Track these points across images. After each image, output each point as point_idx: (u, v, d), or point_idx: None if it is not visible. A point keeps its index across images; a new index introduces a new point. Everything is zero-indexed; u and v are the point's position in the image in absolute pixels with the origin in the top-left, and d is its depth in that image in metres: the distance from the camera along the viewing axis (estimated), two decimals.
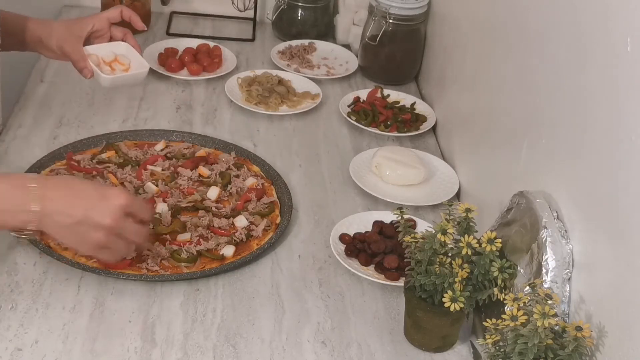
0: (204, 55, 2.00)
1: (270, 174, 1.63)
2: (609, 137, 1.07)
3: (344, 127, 1.86)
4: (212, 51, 2.04)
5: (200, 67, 1.97)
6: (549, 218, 1.18)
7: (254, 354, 1.25)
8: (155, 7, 2.22)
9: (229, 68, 2.00)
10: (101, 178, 1.54)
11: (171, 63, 1.96)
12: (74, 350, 1.22)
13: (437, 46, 1.98)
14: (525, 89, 1.37)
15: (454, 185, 1.67)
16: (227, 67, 2.01)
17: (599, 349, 1.06)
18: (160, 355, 1.23)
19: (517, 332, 1.05)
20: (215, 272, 1.38)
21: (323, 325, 1.32)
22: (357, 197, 1.63)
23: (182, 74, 1.95)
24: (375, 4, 1.99)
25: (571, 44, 1.20)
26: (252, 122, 1.84)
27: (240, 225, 1.48)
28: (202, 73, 1.96)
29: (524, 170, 1.35)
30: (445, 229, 1.21)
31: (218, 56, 2.02)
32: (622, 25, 1.04)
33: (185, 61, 1.98)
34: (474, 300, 1.22)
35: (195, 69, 1.96)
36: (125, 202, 1.20)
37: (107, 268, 1.34)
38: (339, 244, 1.48)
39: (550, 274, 1.14)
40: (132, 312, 1.30)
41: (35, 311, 1.27)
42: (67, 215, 1.17)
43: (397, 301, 1.38)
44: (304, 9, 2.20)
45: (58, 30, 1.54)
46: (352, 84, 2.06)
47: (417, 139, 1.85)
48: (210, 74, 1.97)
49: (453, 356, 1.30)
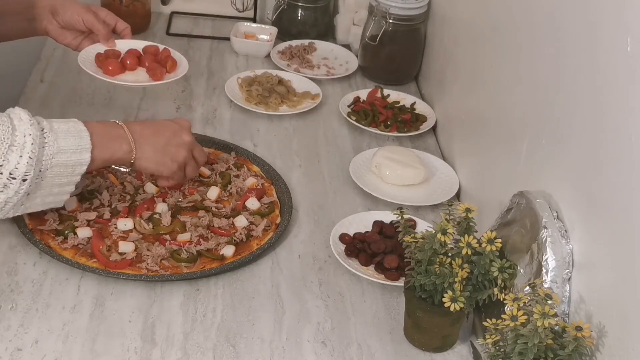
0: (149, 58, 1.69)
1: (270, 174, 1.63)
2: (609, 137, 1.07)
3: (344, 127, 1.86)
4: (160, 54, 1.71)
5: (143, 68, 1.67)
6: (549, 218, 1.18)
7: (254, 354, 1.25)
8: (155, 7, 2.23)
9: (180, 73, 1.68)
10: (101, 178, 1.54)
11: (109, 65, 1.63)
12: (74, 350, 1.22)
13: (437, 46, 1.98)
14: (525, 89, 1.37)
15: (454, 185, 1.67)
16: (180, 71, 1.69)
17: (599, 349, 1.06)
18: (160, 355, 1.23)
19: (517, 332, 1.05)
20: (215, 272, 1.38)
21: (323, 325, 1.32)
22: (357, 197, 1.63)
23: (127, 79, 1.64)
24: (375, 4, 1.99)
25: (571, 44, 1.20)
26: (252, 122, 1.84)
27: (240, 225, 1.48)
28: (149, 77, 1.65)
29: (524, 170, 1.35)
30: (445, 229, 1.21)
31: (167, 59, 1.69)
32: (622, 25, 1.04)
33: (127, 65, 1.65)
34: (474, 300, 1.22)
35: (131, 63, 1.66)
36: (190, 124, 1.46)
37: (107, 268, 1.35)
38: (339, 244, 1.48)
39: (550, 274, 1.14)
40: (132, 312, 1.30)
41: (35, 311, 1.28)
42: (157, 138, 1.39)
43: (397, 301, 1.38)
44: (304, 9, 2.20)
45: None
46: (352, 84, 2.06)
47: (417, 139, 1.85)
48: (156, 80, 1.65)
49: (453, 356, 1.30)
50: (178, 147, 1.41)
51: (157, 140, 1.39)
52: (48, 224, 1.41)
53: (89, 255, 1.37)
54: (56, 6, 1.61)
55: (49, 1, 1.60)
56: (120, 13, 2.08)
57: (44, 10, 1.60)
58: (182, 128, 1.43)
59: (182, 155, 1.42)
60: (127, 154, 1.35)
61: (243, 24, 2.18)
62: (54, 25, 1.62)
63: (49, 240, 1.39)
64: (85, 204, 1.48)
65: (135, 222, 1.45)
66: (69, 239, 1.39)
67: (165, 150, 1.40)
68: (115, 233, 1.42)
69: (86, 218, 1.44)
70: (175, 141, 1.41)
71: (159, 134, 1.40)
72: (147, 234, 1.44)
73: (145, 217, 1.47)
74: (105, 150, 1.32)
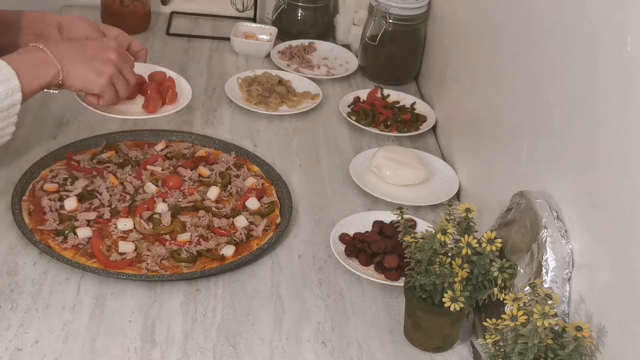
0: (152, 86, 1.56)
1: (270, 174, 1.63)
2: (608, 137, 1.07)
3: (344, 127, 1.86)
4: (164, 82, 1.58)
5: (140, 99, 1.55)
6: (549, 218, 1.18)
7: (254, 354, 1.25)
8: (155, 7, 2.23)
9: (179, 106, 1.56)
10: (101, 178, 1.54)
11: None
12: (74, 350, 1.22)
13: (437, 46, 1.98)
14: (525, 89, 1.37)
15: (454, 185, 1.67)
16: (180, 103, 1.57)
17: (599, 348, 1.06)
18: (160, 355, 1.23)
19: (517, 332, 1.05)
20: (215, 272, 1.38)
21: (323, 325, 1.32)
22: (357, 197, 1.63)
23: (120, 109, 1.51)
24: (375, 4, 1.99)
25: (571, 44, 1.20)
26: (252, 122, 1.84)
27: (240, 225, 1.48)
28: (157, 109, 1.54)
29: (524, 170, 1.35)
30: (445, 229, 1.21)
31: (168, 89, 1.56)
32: (622, 25, 1.04)
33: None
34: (474, 300, 1.22)
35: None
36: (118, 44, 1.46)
37: (107, 268, 1.35)
38: (339, 244, 1.48)
39: (550, 274, 1.14)
40: (132, 312, 1.30)
41: (35, 311, 1.28)
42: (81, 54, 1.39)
43: (397, 301, 1.38)
44: (304, 9, 2.20)
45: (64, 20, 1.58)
46: (352, 84, 2.06)
47: (417, 139, 1.85)
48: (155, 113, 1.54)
49: (453, 356, 1.30)
50: (104, 63, 1.40)
51: (81, 57, 1.39)
52: (48, 224, 1.41)
53: (89, 255, 1.37)
54: (63, 23, 1.55)
55: (56, 17, 1.57)
56: (121, 13, 2.09)
57: (50, 26, 1.55)
58: (107, 46, 1.43)
59: (108, 70, 1.40)
60: (54, 77, 1.35)
61: (243, 24, 2.18)
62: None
63: (49, 240, 1.39)
64: (85, 204, 1.48)
65: (135, 222, 1.45)
66: (69, 239, 1.39)
67: (90, 67, 1.39)
68: (115, 233, 1.42)
69: (86, 218, 1.44)
70: (100, 58, 1.40)
71: (82, 51, 1.40)
72: (147, 234, 1.44)
73: (145, 217, 1.47)
74: (34, 80, 1.32)
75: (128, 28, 1.62)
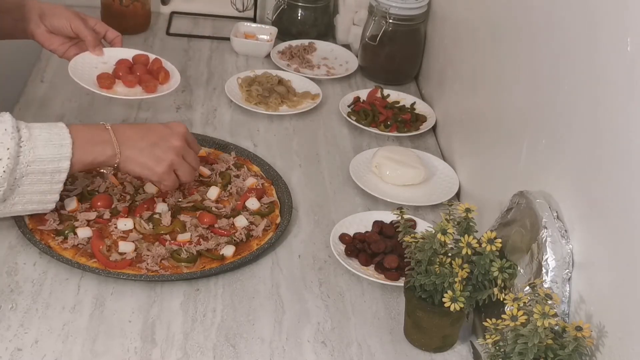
0: (141, 69, 1.68)
1: (270, 174, 1.63)
2: (609, 137, 1.07)
3: (344, 127, 1.86)
4: (151, 64, 1.70)
5: (136, 80, 1.65)
6: (549, 218, 1.18)
7: (254, 354, 1.25)
8: (155, 7, 2.23)
9: (173, 85, 1.66)
10: (101, 178, 1.54)
11: (101, 78, 1.62)
12: (74, 350, 1.22)
13: (437, 46, 1.98)
14: (525, 89, 1.37)
15: (454, 185, 1.67)
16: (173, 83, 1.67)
17: (599, 348, 1.06)
18: (160, 355, 1.23)
19: (517, 332, 1.05)
20: (215, 272, 1.38)
21: (323, 325, 1.32)
22: (357, 197, 1.63)
23: (120, 91, 1.63)
24: (375, 4, 1.99)
25: (571, 44, 1.20)
26: (252, 122, 1.84)
27: (240, 225, 1.48)
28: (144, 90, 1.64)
29: (524, 170, 1.35)
30: (445, 229, 1.21)
31: (159, 70, 1.67)
32: (622, 25, 1.04)
33: (120, 76, 1.65)
34: (474, 300, 1.22)
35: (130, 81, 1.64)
36: (186, 130, 1.44)
37: (107, 268, 1.35)
38: (339, 244, 1.48)
39: (550, 274, 1.14)
40: (132, 312, 1.30)
41: (35, 311, 1.28)
42: (144, 141, 1.39)
43: (397, 301, 1.38)
44: (304, 9, 2.20)
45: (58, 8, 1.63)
46: (352, 84, 2.06)
47: (417, 139, 1.85)
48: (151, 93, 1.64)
49: (453, 356, 1.30)
50: (166, 151, 1.40)
51: (143, 144, 1.39)
52: (48, 224, 1.41)
53: (89, 255, 1.37)
54: (45, 10, 1.60)
55: (38, 4, 1.60)
56: (121, 13, 2.09)
57: (32, 12, 1.59)
58: (172, 132, 1.42)
59: (169, 158, 1.40)
60: (110, 158, 1.36)
61: (243, 24, 2.18)
62: (42, 29, 1.61)
63: (49, 240, 1.39)
64: (85, 204, 1.48)
65: (135, 222, 1.45)
66: (69, 239, 1.39)
67: (151, 153, 1.39)
68: (115, 233, 1.42)
69: (86, 218, 1.44)
70: (163, 145, 1.40)
71: (146, 137, 1.39)
72: (147, 234, 1.44)
73: (145, 217, 1.47)
74: (87, 154, 1.33)
75: (128, 28, 1.63)
